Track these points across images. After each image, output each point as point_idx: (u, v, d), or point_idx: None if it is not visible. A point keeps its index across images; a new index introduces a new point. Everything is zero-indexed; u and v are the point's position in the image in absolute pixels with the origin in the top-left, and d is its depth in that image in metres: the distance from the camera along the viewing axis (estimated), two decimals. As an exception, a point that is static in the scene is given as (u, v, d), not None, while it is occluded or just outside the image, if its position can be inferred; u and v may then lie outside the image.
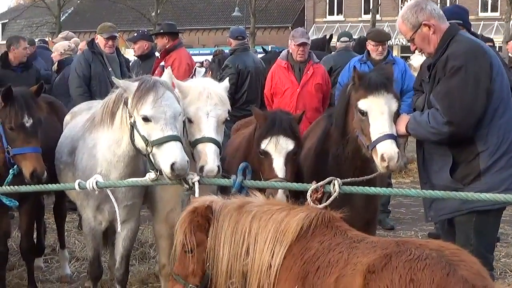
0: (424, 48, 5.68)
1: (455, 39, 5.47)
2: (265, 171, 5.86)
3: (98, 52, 10.00)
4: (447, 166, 5.43)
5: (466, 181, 5.37)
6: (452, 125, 5.25)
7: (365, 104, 5.62)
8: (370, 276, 3.76)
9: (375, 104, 5.58)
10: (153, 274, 8.17)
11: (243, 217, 4.46)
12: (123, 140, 5.97)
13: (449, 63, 5.33)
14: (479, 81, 5.25)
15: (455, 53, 5.34)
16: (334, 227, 4.32)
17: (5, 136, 6.28)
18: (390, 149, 5.41)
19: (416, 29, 5.56)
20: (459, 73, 5.27)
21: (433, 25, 5.53)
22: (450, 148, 5.43)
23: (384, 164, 5.42)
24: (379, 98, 5.58)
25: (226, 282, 4.46)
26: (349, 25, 54.79)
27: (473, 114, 5.27)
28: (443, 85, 5.37)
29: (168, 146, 5.48)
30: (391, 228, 10.42)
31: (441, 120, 5.27)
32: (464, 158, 5.41)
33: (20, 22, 57.97)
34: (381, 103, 5.57)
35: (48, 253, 9.17)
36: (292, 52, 9.76)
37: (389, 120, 5.55)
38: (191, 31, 58.81)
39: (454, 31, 5.56)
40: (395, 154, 5.40)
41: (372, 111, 5.59)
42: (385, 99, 5.58)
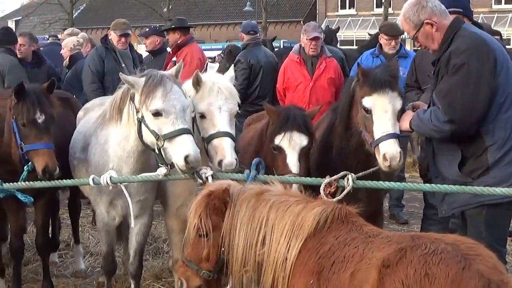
0: (428, 45, 5.67)
1: (459, 34, 5.44)
2: (279, 166, 5.85)
3: (111, 48, 10.03)
4: (456, 160, 5.42)
5: (475, 175, 5.36)
6: (453, 124, 5.24)
7: (369, 102, 5.65)
8: (385, 271, 3.75)
9: (380, 102, 5.60)
10: (166, 269, 8.21)
11: (261, 205, 4.42)
12: (131, 135, 6.01)
13: (452, 61, 5.32)
14: (482, 77, 5.23)
15: (458, 50, 5.32)
16: (350, 222, 4.31)
17: (18, 132, 6.30)
18: (392, 149, 5.45)
19: (419, 28, 5.55)
20: (461, 71, 5.25)
21: (435, 23, 5.50)
22: (458, 143, 5.42)
23: (386, 163, 5.47)
24: (383, 97, 5.60)
25: (241, 270, 4.42)
26: (361, 19, 54.74)
27: (474, 112, 5.25)
28: (444, 83, 5.37)
29: (180, 139, 5.50)
30: (405, 223, 10.41)
31: (442, 118, 5.27)
32: (472, 152, 5.39)
33: (33, 19, 58.08)
34: (385, 102, 5.59)
35: (63, 248, 9.23)
36: (305, 46, 9.74)
37: (392, 119, 5.58)
38: (203, 26, 58.85)
39: (457, 26, 5.52)
40: (397, 154, 5.45)
41: (376, 109, 5.61)
42: (389, 98, 5.60)
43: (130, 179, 6.03)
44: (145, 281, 7.84)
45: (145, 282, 7.82)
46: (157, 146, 5.62)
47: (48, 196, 7.16)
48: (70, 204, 8.83)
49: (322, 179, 5.47)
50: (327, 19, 56.19)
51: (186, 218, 6.16)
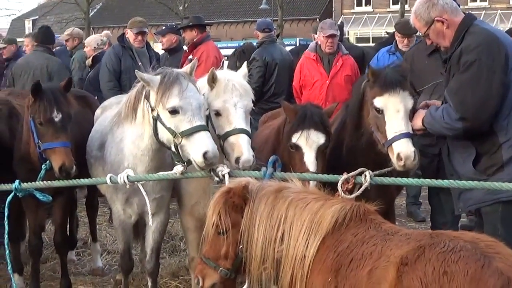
0: (439, 42, 5.66)
1: (470, 31, 5.41)
2: (296, 165, 5.85)
3: (128, 47, 10.06)
4: (470, 158, 5.40)
5: (489, 172, 5.34)
6: (465, 121, 5.22)
7: (380, 102, 5.63)
8: (403, 268, 3.73)
9: (391, 102, 5.59)
10: (183, 267, 8.23)
11: (280, 202, 4.41)
12: (145, 134, 6.02)
13: (463, 58, 5.30)
14: (494, 74, 5.20)
15: (469, 47, 5.29)
16: (369, 220, 4.29)
17: (36, 131, 6.33)
18: (407, 149, 5.44)
19: (430, 25, 5.53)
20: (472, 68, 5.23)
21: (446, 20, 5.48)
22: (472, 141, 5.40)
23: (400, 163, 5.45)
24: (394, 96, 5.59)
25: (260, 267, 4.41)
26: (377, 16, 54.62)
27: (486, 109, 5.22)
28: (455, 80, 5.36)
29: (198, 136, 5.51)
30: (422, 220, 10.36)
31: (454, 116, 5.25)
32: (486, 149, 5.37)
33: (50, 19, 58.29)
34: (396, 101, 5.58)
35: (80, 246, 9.28)
36: (321, 44, 9.72)
37: (405, 118, 5.56)
38: (219, 25, 58.90)
39: (468, 22, 5.49)
40: (411, 153, 5.43)
41: (388, 109, 5.60)
42: (400, 97, 5.59)
43: (147, 177, 6.04)
44: (162, 279, 7.85)
45: (162, 280, 7.84)
46: (174, 143, 5.62)
47: (66, 194, 7.18)
48: (88, 203, 8.87)
49: (339, 176, 5.44)
50: (343, 16, 56.11)
51: (200, 216, 6.24)
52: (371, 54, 11.59)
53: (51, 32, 11.19)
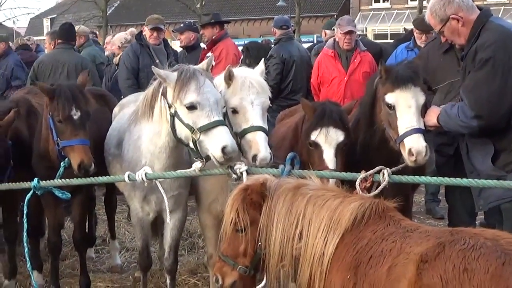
0: (454, 40, 5.65)
1: (486, 28, 5.39)
2: (315, 162, 5.83)
3: (145, 45, 10.08)
4: (489, 154, 5.39)
5: (508, 169, 5.34)
6: (480, 119, 5.20)
7: (392, 98, 5.64)
8: (423, 265, 3.71)
9: (402, 98, 5.59)
10: (202, 264, 8.23)
11: (298, 199, 4.38)
12: (162, 131, 6.02)
13: (478, 55, 5.29)
14: (509, 71, 5.20)
15: (484, 44, 5.27)
16: (388, 217, 4.26)
17: (54, 128, 6.35)
18: (418, 144, 5.43)
19: (445, 23, 5.51)
20: (487, 65, 5.21)
21: (461, 18, 5.46)
22: (491, 137, 5.38)
23: (412, 158, 5.44)
24: (406, 92, 5.58)
25: (278, 264, 4.39)
26: (395, 12, 54.45)
27: (501, 106, 5.20)
28: (471, 78, 5.35)
29: (216, 131, 5.51)
30: (441, 217, 10.30)
31: (469, 114, 5.23)
32: (505, 146, 5.37)
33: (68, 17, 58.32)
34: (408, 97, 5.58)
35: (99, 243, 9.31)
36: (339, 40, 9.69)
37: (416, 114, 5.56)
38: (236, 22, 58.88)
39: (483, 20, 5.46)
40: (422, 149, 5.42)
41: (400, 105, 5.60)
42: (412, 93, 5.58)
43: (165, 175, 6.04)
44: (181, 276, 7.86)
45: (181, 277, 7.85)
46: (192, 139, 5.62)
47: (85, 192, 7.20)
48: (106, 200, 8.90)
49: (357, 174, 5.44)
50: (360, 13, 55.99)
51: (218, 213, 6.25)
52: (389, 50, 11.54)
53: (74, 29, 11.26)
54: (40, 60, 10.72)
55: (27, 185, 6.32)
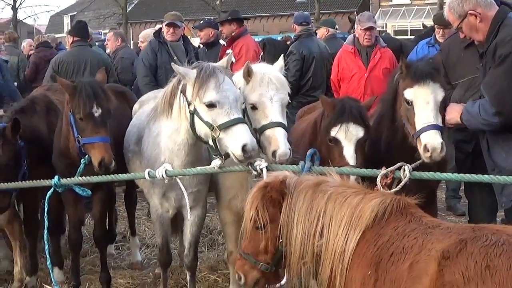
0: (472, 36, 5.62)
1: (504, 24, 5.38)
2: (335, 159, 5.81)
3: (164, 42, 10.08)
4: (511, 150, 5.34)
5: None
6: (501, 115, 5.18)
7: (410, 93, 5.63)
8: (444, 262, 3.69)
9: (421, 94, 5.57)
10: (222, 261, 8.24)
11: (319, 196, 4.37)
12: (181, 128, 6.02)
13: (498, 51, 5.28)
14: None
15: (503, 40, 5.26)
16: (409, 214, 4.24)
17: (75, 126, 6.36)
18: (433, 140, 5.41)
19: (463, 19, 5.50)
20: (507, 61, 5.20)
21: (479, 14, 5.43)
22: None
23: (427, 154, 5.43)
24: (424, 88, 5.56)
25: (299, 262, 4.38)
26: (415, 8, 54.15)
27: None
28: (491, 74, 5.33)
29: (236, 129, 5.50)
30: (462, 214, 10.23)
31: (490, 110, 5.20)
32: None
33: (88, 14, 58.88)
34: (426, 93, 5.56)
35: (119, 240, 9.34)
36: (359, 36, 9.64)
37: (434, 110, 5.54)
38: (256, 19, 58.84)
39: (502, 16, 5.45)
40: (438, 145, 5.39)
41: (418, 100, 5.58)
42: (431, 89, 5.56)
43: (185, 172, 6.04)
44: (201, 273, 7.88)
45: (201, 274, 7.86)
46: (211, 137, 5.61)
47: (105, 189, 7.23)
48: (126, 197, 8.92)
49: (378, 171, 5.42)
50: (380, 9, 55.77)
51: (238, 210, 6.25)
52: (409, 46, 11.50)
53: (87, 27, 11.30)
54: (60, 59, 10.65)
55: (48, 182, 6.35)
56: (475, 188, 6.43)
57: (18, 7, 52.78)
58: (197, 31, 12.17)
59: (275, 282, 4.64)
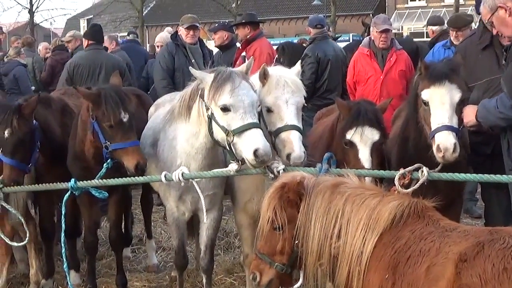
0: (502, 31, 5.62)
1: None
2: (351, 161, 5.80)
3: (181, 44, 10.07)
4: None
5: None
6: None
7: (427, 94, 5.62)
8: (462, 265, 3.68)
9: (436, 94, 5.57)
10: (238, 264, 8.24)
11: (337, 197, 4.36)
12: (200, 132, 6.03)
13: None
14: None
15: None
16: (427, 217, 4.23)
17: (102, 133, 6.36)
18: (446, 140, 5.39)
19: (493, 12, 5.50)
20: None
21: (509, 8, 5.41)
22: None
23: (439, 154, 5.42)
24: (440, 88, 5.55)
25: (316, 263, 4.38)
26: (431, 11, 53.84)
27: None
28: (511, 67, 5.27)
29: (249, 133, 5.51)
30: (479, 217, 10.19)
31: (508, 103, 5.17)
32: None
33: (104, 18, 59.04)
34: (442, 94, 5.55)
35: (135, 243, 9.35)
36: (375, 39, 9.61)
37: (450, 111, 5.52)
38: (272, 21, 58.87)
39: None
40: (450, 146, 5.37)
41: (433, 101, 5.58)
42: (446, 90, 5.55)
43: (202, 175, 6.06)
44: (217, 276, 7.88)
45: (217, 277, 7.87)
46: (227, 142, 5.63)
47: (121, 191, 7.26)
48: (143, 200, 8.94)
49: (395, 172, 5.45)
50: (396, 11, 55.64)
51: (254, 213, 6.26)
52: (425, 48, 11.44)
53: (102, 31, 11.32)
54: (75, 63, 10.65)
55: (64, 185, 6.38)
56: (492, 190, 6.39)
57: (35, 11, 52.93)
58: (212, 35, 12.18)
59: (289, 284, 4.63)
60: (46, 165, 7.07)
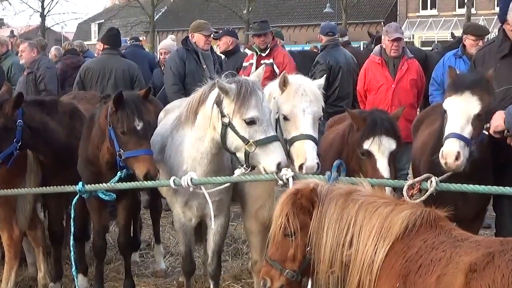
0: None
1: None
2: (368, 172, 5.80)
3: (192, 50, 10.06)
4: None
5: None
6: None
7: (447, 103, 5.66)
8: (471, 275, 3.66)
9: (454, 104, 5.59)
10: (246, 270, 8.23)
11: (350, 205, 4.35)
12: (205, 137, 6.06)
13: None
14: None
15: None
16: (439, 226, 4.21)
17: (116, 140, 6.35)
18: (449, 147, 5.42)
19: None
20: None
21: None
22: None
23: (442, 160, 5.45)
24: (459, 98, 5.56)
25: (327, 270, 4.36)
26: (443, 20, 53.88)
27: None
28: None
29: (272, 146, 5.61)
30: (488, 227, 10.12)
31: None
32: None
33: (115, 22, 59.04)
34: (460, 103, 5.55)
35: (144, 248, 9.35)
36: (386, 47, 9.59)
37: (463, 121, 5.50)
38: (282, 28, 58.65)
39: None
40: (452, 153, 5.38)
41: (451, 110, 5.60)
42: (464, 100, 5.54)
43: (211, 180, 6.05)
44: (225, 282, 7.88)
45: (225, 283, 7.86)
46: (244, 151, 5.66)
47: (131, 196, 7.26)
48: (151, 205, 8.95)
49: (404, 181, 5.45)
50: (408, 20, 55.55)
51: (265, 219, 6.25)
52: (434, 57, 11.44)
53: (120, 35, 11.34)
54: (87, 66, 10.72)
55: (72, 188, 6.39)
56: (504, 200, 6.36)
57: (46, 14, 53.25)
58: (216, 41, 12.21)
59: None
60: (53, 168, 7.07)
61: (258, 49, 10.31)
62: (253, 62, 10.22)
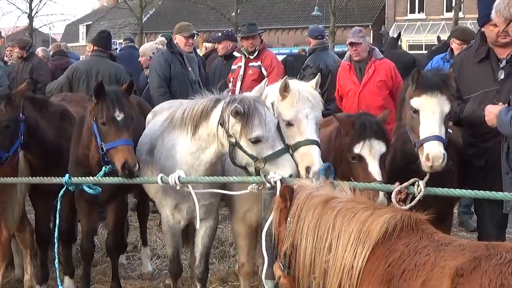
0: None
1: None
2: (360, 175, 5.79)
3: (177, 52, 10.07)
4: None
5: None
6: None
7: (417, 102, 5.70)
8: (458, 280, 3.64)
9: (428, 103, 5.65)
10: (233, 273, 8.23)
11: (327, 212, 4.36)
12: (209, 149, 6.06)
13: None
14: None
15: None
16: (420, 230, 4.19)
17: (99, 133, 6.32)
18: (436, 150, 5.48)
19: (508, 22, 5.52)
20: None
21: None
22: None
23: (428, 163, 5.49)
24: (432, 98, 5.64)
25: (309, 276, 4.38)
26: (430, 23, 54.01)
27: None
28: None
29: (282, 160, 5.66)
30: (474, 230, 10.14)
31: None
32: None
33: (103, 24, 58.94)
34: (434, 104, 5.63)
35: (130, 250, 9.32)
36: (350, 52, 9.50)
37: (439, 121, 5.61)
38: (271, 31, 58.83)
39: None
40: (440, 155, 5.46)
41: (424, 110, 5.66)
42: (438, 100, 5.64)
43: (198, 179, 6.06)
44: (211, 285, 7.86)
45: (211, 286, 7.84)
46: (256, 167, 5.71)
47: (120, 198, 7.26)
48: (139, 207, 8.93)
49: (392, 186, 5.48)
50: (396, 23, 55.66)
51: (252, 222, 6.28)
52: (422, 61, 11.46)
53: (111, 38, 11.31)
54: (75, 66, 10.73)
55: (59, 180, 6.35)
56: (484, 202, 6.40)
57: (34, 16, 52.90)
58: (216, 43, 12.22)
59: None
60: (41, 169, 7.03)
61: (246, 51, 10.33)
62: (241, 65, 10.25)
